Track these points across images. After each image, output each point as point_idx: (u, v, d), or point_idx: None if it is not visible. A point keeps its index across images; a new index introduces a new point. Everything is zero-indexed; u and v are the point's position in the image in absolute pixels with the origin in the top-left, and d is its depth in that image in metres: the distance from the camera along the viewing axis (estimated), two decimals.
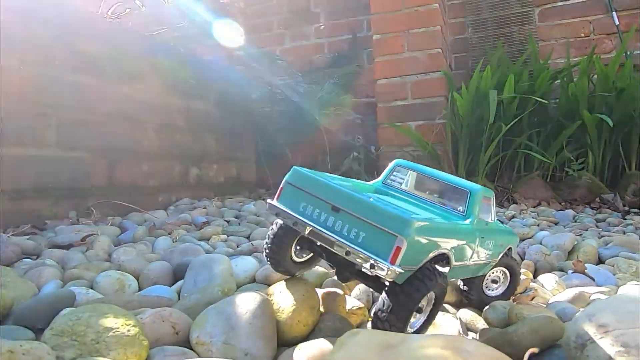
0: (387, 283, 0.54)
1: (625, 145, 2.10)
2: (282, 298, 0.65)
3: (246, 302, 0.62)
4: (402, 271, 0.49)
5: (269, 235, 0.64)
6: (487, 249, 0.66)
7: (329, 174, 0.67)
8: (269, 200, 0.60)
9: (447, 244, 0.55)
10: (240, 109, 2.34)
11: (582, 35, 2.47)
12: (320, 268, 0.91)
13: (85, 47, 1.53)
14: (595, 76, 2.08)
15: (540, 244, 1.25)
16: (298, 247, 0.67)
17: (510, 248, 0.75)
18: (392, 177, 0.74)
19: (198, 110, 2.07)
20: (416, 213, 0.61)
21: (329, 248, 0.53)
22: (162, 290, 0.81)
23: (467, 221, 0.63)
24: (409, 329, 0.55)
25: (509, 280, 0.78)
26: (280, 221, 0.62)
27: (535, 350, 0.49)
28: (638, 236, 1.42)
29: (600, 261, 1.17)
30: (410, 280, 0.51)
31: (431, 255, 0.53)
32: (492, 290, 0.77)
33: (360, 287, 0.83)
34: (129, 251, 0.99)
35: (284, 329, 0.63)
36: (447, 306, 0.78)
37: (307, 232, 0.55)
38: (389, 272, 0.48)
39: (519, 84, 2.06)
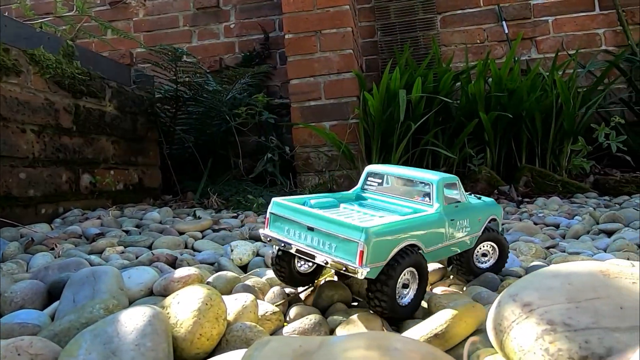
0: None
1: (516, 141, 2.30)
2: (180, 309, 0.55)
3: (132, 319, 0.50)
4: (369, 269, 0.58)
5: (272, 258, 0.74)
6: (462, 227, 0.75)
7: (311, 195, 0.79)
8: (261, 230, 0.72)
9: (411, 236, 0.64)
10: (142, 109, 2.13)
11: (478, 41, 2.67)
12: (230, 273, 0.81)
13: None
14: (490, 79, 2.25)
15: None
16: (299, 262, 0.75)
17: (494, 219, 0.83)
18: (368, 183, 0.83)
19: (90, 109, 1.84)
20: (380, 216, 0.72)
21: (312, 260, 0.64)
22: (28, 315, 0.65)
23: (434, 209, 0.72)
24: (402, 304, 0.64)
25: (498, 253, 0.84)
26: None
27: (476, 339, 0.46)
28: (533, 222, 1.54)
29: None
30: (383, 269, 0.61)
31: (396, 249, 0.62)
32: (483, 263, 0.83)
33: (274, 290, 0.76)
34: None
35: (183, 346, 0.53)
36: None
37: (294, 250, 0.66)
38: (359, 272, 0.58)
39: (425, 85, 2.15)
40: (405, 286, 0.65)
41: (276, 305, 0.70)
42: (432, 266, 0.86)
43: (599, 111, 2.37)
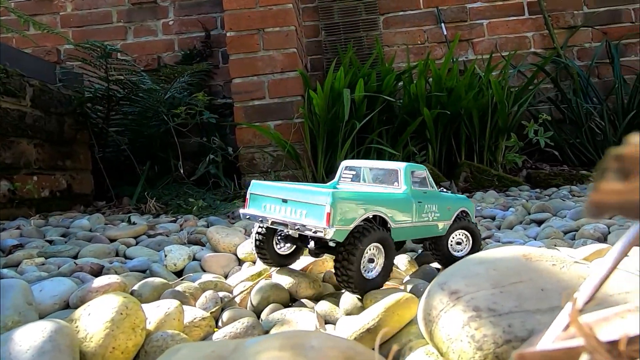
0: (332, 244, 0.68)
1: (456, 138, 2.38)
2: (91, 321, 0.50)
3: (29, 336, 0.44)
4: (335, 229, 0.63)
5: (253, 236, 0.78)
6: (430, 211, 0.79)
7: (287, 182, 0.85)
8: (241, 210, 0.77)
9: (377, 207, 0.69)
10: (70, 109, 1.98)
11: (419, 42, 2.75)
12: (158, 279, 0.75)
13: None
14: (431, 78, 2.32)
15: None
16: (278, 245, 0.79)
17: (465, 212, 0.88)
18: (343, 176, 0.89)
19: (7, 110, 1.67)
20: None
21: (287, 231, 0.69)
22: None
23: (401, 190, 0.78)
24: (369, 277, 0.68)
25: (471, 241, 0.88)
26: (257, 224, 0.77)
27: (387, 331, 0.44)
28: None
29: None
30: (348, 239, 0.65)
31: (362, 216, 0.66)
32: (458, 251, 0.88)
33: (207, 295, 0.71)
34: None
35: None
36: (304, 300, 0.71)
37: (270, 223, 0.70)
38: (326, 231, 0.62)
39: (368, 84, 2.17)
40: (371, 260, 0.69)
41: (208, 311, 0.66)
42: None
43: (529, 109, 2.51)
